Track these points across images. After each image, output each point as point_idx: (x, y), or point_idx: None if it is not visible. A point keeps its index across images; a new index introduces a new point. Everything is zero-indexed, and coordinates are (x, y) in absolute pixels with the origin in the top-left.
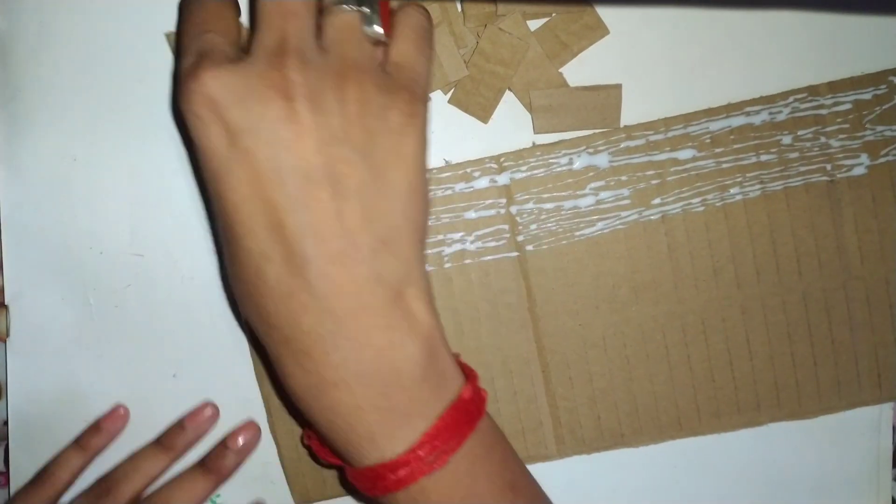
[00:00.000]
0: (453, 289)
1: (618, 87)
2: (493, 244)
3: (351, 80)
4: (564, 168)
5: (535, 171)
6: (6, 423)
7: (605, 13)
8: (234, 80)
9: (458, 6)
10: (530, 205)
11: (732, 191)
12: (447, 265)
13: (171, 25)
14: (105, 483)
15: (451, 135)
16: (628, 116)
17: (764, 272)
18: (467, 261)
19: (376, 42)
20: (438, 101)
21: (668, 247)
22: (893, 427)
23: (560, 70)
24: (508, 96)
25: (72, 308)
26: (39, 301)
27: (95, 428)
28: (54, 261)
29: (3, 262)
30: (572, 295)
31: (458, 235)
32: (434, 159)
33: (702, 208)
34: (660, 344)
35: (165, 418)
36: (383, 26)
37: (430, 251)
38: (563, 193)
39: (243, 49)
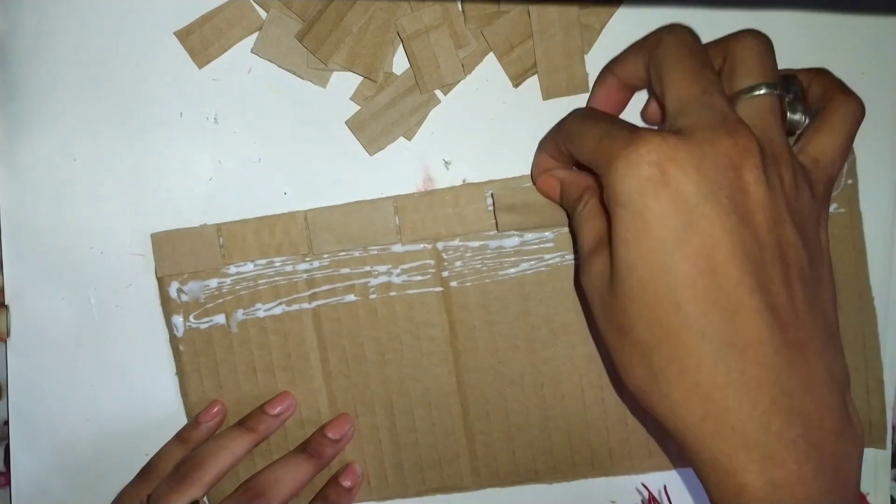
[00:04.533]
0: (378, 319)
1: None
2: (418, 278)
3: (784, 164)
4: (491, 208)
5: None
6: (6, 422)
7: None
8: (688, 148)
9: (459, 6)
10: (456, 242)
11: None
12: (373, 296)
13: (173, 25)
14: (192, 461)
15: (451, 136)
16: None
17: None
18: (392, 293)
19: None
20: (439, 101)
21: None
22: (893, 427)
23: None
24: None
25: (72, 308)
26: (39, 301)
27: (195, 423)
28: (54, 261)
29: (3, 262)
30: (493, 332)
31: (384, 268)
32: (434, 160)
33: None
34: (576, 385)
35: (167, 418)
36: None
37: (356, 281)
38: (489, 233)
39: None
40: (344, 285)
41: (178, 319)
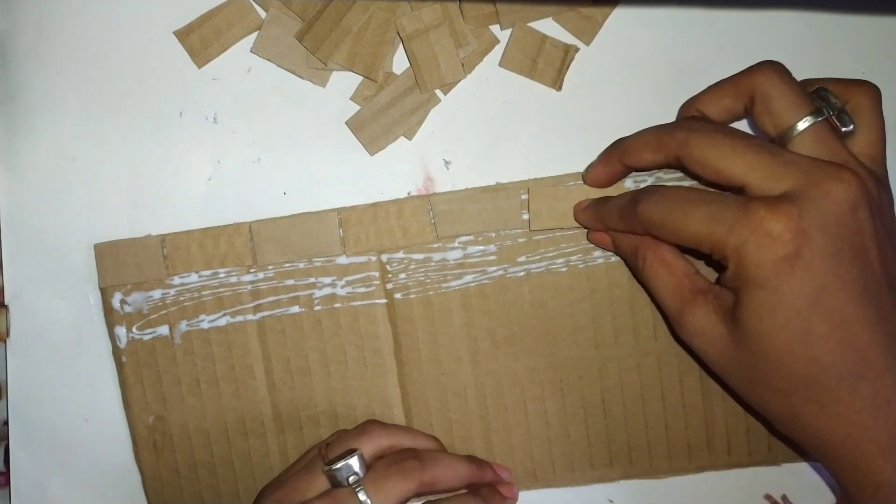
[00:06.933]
0: (322, 331)
1: (517, 188)
2: (362, 290)
3: (868, 179)
4: (433, 222)
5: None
6: (6, 423)
7: None
8: (810, 213)
9: (458, 6)
10: (400, 254)
11: (595, 254)
12: (317, 308)
13: (172, 24)
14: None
15: (451, 136)
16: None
17: (621, 334)
18: (337, 304)
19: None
20: (439, 101)
21: (531, 304)
22: None
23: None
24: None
25: (72, 308)
26: (39, 301)
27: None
28: (54, 261)
29: (3, 262)
30: (437, 344)
31: (329, 279)
32: (434, 160)
33: (565, 269)
34: (518, 398)
35: None
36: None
37: (301, 293)
38: (433, 245)
39: None
40: (288, 297)
41: (120, 330)
